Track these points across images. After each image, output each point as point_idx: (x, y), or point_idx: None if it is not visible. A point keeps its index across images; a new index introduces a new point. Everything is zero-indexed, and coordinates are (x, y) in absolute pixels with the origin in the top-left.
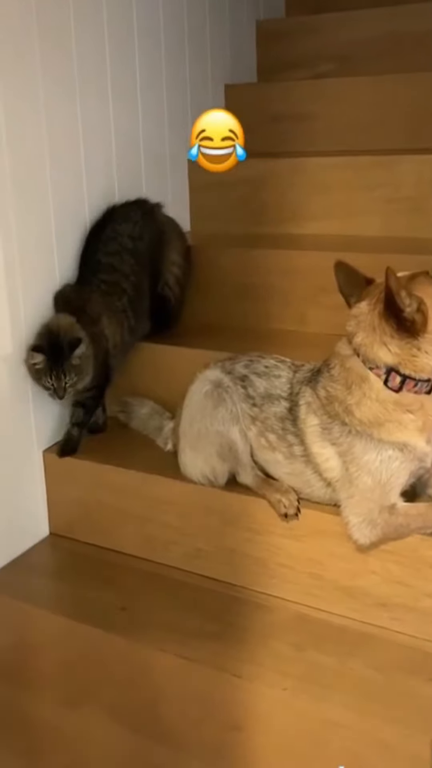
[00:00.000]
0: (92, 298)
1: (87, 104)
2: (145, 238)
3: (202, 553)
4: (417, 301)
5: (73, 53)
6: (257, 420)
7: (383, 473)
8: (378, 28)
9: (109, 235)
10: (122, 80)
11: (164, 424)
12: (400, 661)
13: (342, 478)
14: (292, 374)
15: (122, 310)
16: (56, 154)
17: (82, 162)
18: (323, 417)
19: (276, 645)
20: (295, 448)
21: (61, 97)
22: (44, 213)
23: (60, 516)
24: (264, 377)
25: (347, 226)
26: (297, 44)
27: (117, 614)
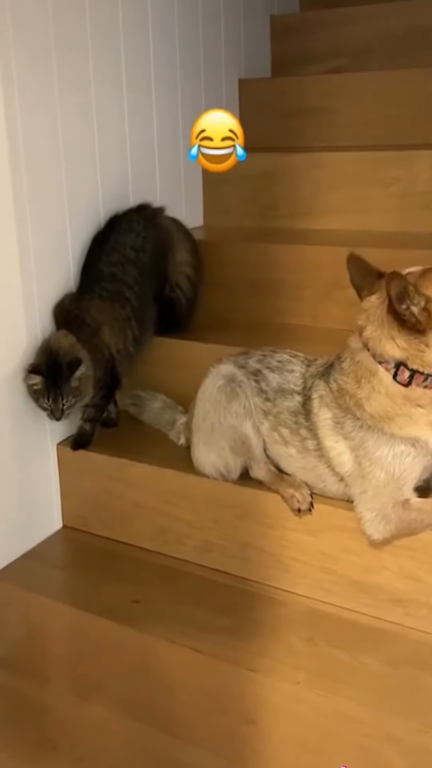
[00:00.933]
0: (92, 307)
1: (101, 99)
2: (148, 249)
3: (215, 547)
4: (424, 299)
5: (89, 50)
6: (270, 414)
7: (396, 468)
8: (392, 22)
9: (113, 246)
10: (137, 76)
11: (177, 418)
12: (413, 656)
13: (354, 473)
14: (305, 369)
15: (126, 318)
16: (71, 150)
17: (96, 156)
18: (336, 411)
19: (289, 639)
20: (308, 442)
21: (76, 93)
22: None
23: (73, 509)
24: (277, 372)
25: (361, 221)
26: (311, 39)
27: (130, 607)
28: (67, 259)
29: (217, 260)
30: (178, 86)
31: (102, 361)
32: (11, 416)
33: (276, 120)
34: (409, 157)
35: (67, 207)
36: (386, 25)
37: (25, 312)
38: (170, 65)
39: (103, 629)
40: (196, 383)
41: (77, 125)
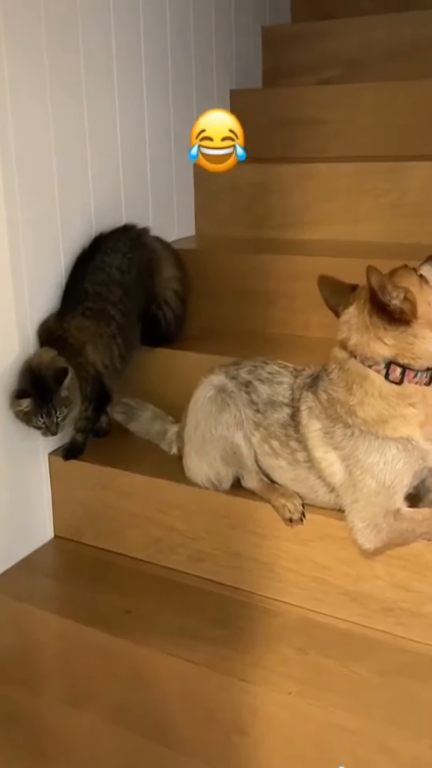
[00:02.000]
0: (74, 327)
1: (93, 109)
2: (133, 270)
3: (208, 557)
4: (402, 290)
5: (81, 60)
6: (261, 426)
7: (387, 475)
8: (383, 34)
9: (98, 266)
10: (128, 86)
11: (167, 428)
12: (405, 665)
13: (345, 483)
14: (294, 380)
15: (111, 335)
16: (63, 161)
17: (88, 167)
18: (325, 421)
19: (281, 649)
20: (298, 454)
21: (67, 102)
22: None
23: (65, 518)
24: (267, 383)
25: (353, 232)
26: (302, 50)
27: (122, 617)
28: (59, 276)
29: (209, 270)
30: (170, 97)
31: (89, 378)
32: (3, 426)
33: (267, 131)
34: (400, 168)
35: (60, 220)
36: (377, 37)
37: (17, 327)
38: (162, 76)
39: (95, 639)
40: (187, 393)
41: (69, 137)
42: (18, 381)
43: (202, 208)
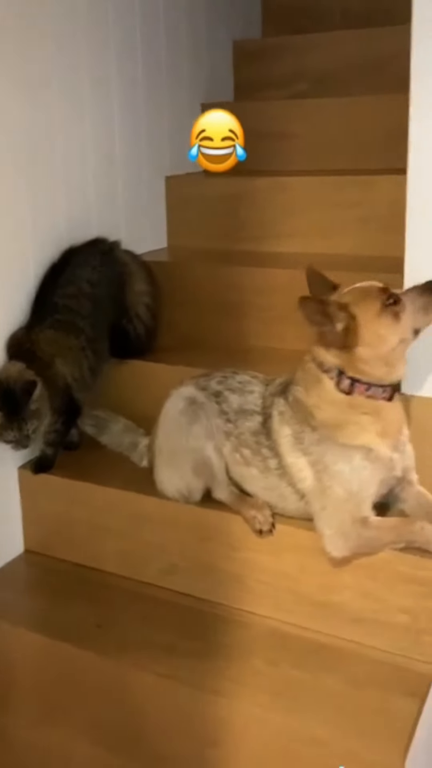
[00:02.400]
0: (43, 339)
1: (64, 122)
2: (103, 283)
3: (179, 570)
4: (348, 318)
5: (51, 74)
6: (232, 435)
7: (354, 483)
8: (353, 49)
9: (68, 279)
10: (99, 99)
11: (138, 440)
12: (374, 676)
13: (315, 489)
14: (264, 388)
15: (80, 348)
16: (34, 174)
17: (59, 181)
18: (295, 426)
19: (252, 661)
20: (269, 461)
21: (37, 116)
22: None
23: (35, 533)
24: (238, 393)
25: (324, 245)
26: (273, 64)
27: (93, 632)
28: (29, 289)
29: (182, 282)
30: (141, 110)
31: (58, 391)
32: None
33: None
34: (370, 181)
35: (30, 233)
36: (347, 52)
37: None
38: (132, 89)
39: (67, 654)
40: (158, 405)
41: (39, 150)
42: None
43: (174, 220)
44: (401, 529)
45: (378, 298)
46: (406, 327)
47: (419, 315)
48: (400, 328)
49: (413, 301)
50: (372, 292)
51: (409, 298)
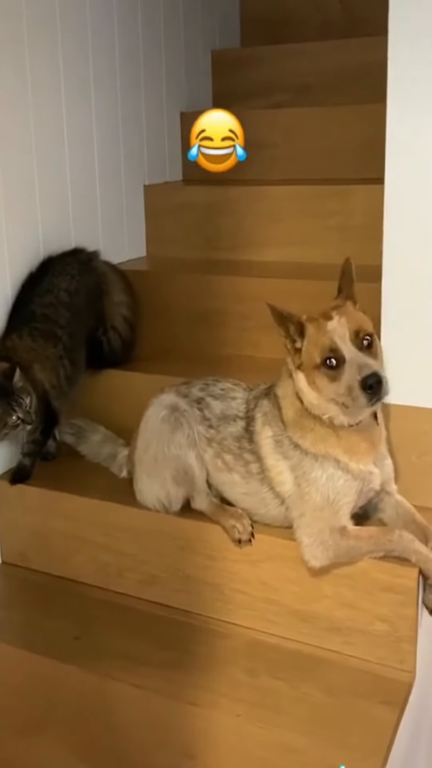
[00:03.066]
0: (20, 346)
1: (41, 131)
2: (81, 293)
3: (158, 580)
4: (297, 342)
5: (28, 82)
6: (214, 441)
7: (330, 491)
8: (331, 59)
9: (46, 288)
10: (77, 108)
11: (118, 451)
12: (353, 684)
13: (294, 495)
14: (248, 394)
15: (58, 357)
16: (9, 182)
17: (36, 189)
18: (275, 428)
19: (230, 671)
20: (251, 465)
21: (14, 124)
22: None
23: (12, 544)
24: (220, 399)
25: (302, 254)
26: (252, 74)
27: (71, 643)
28: (5, 298)
29: (160, 291)
30: (119, 119)
31: (36, 395)
32: None
33: None
34: (347, 191)
35: (6, 242)
36: (324, 63)
37: None
38: (111, 98)
39: (44, 666)
40: (138, 414)
41: (15, 159)
42: None
43: (152, 229)
44: (380, 538)
45: (319, 320)
46: (338, 392)
47: (346, 393)
48: (332, 390)
49: (352, 377)
50: (335, 311)
51: (350, 372)
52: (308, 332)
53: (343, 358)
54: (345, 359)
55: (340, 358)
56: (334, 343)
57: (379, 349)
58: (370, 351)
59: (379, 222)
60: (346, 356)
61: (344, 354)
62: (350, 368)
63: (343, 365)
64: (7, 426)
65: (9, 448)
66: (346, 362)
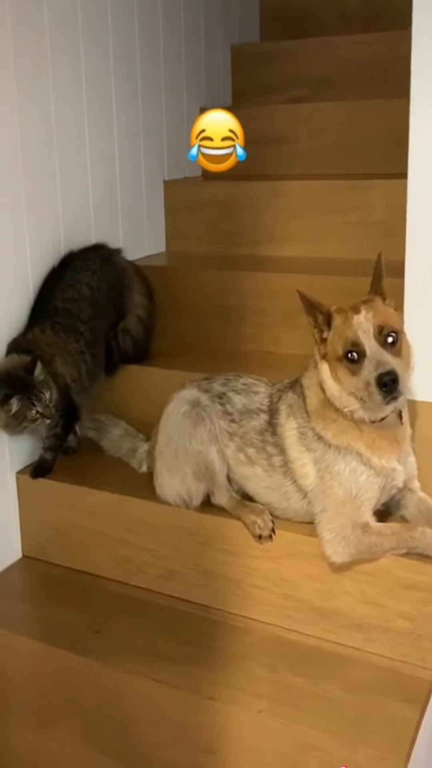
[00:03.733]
0: (43, 340)
1: (62, 128)
2: (103, 288)
3: (177, 575)
4: (324, 332)
5: (49, 81)
6: (236, 436)
7: (353, 486)
8: (351, 53)
9: (68, 283)
10: (98, 104)
11: (138, 446)
12: (374, 681)
13: (316, 488)
14: (270, 389)
15: (80, 352)
16: (31, 179)
17: (57, 185)
18: (300, 420)
19: (250, 667)
20: (274, 458)
21: (37, 120)
22: (19, 235)
23: (33, 538)
24: (243, 394)
25: (321, 249)
26: (271, 69)
27: (91, 637)
28: (27, 292)
29: (179, 287)
30: (140, 115)
31: (58, 389)
32: None
33: None
34: (367, 186)
35: (27, 238)
36: (345, 57)
37: None
38: (132, 94)
39: (64, 660)
40: (157, 409)
41: (38, 156)
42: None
43: (172, 225)
44: (402, 535)
45: (348, 312)
46: (357, 386)
47: (364, 388)
48: (351, 384)
49: (370, 372)
50: (363, 306)
51: (369, 368)
52: (335, 323)
53: (364, 353)
54: (366, 354)
55: (361, 352)
56: (357, 337)
57: (404, 347)
58: (394, 349)
59: (401, 217)
60: (367, 351)
61: (365, 349)
62: (369, 364)
63: (363, 360)
64: (26, 420)
65: (30, 442)
66: (366, 357)
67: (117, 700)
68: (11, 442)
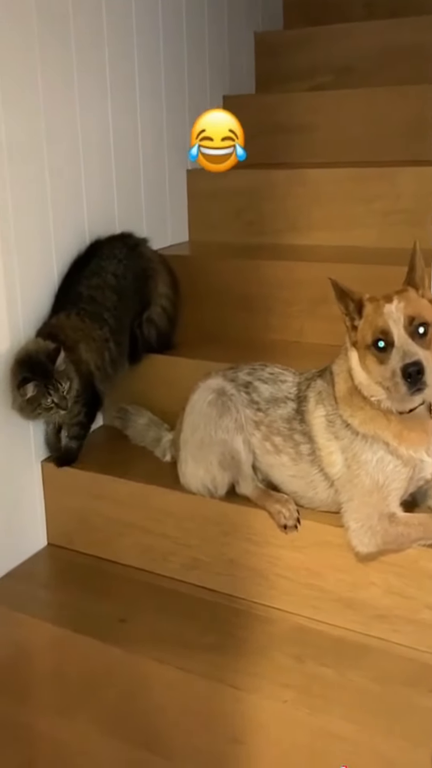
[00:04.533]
0: (69, 326)
1: (86, 115)
2: (128, 277)
3: (201, 564)
4: (354, 320)
5: (74, 70)
6: (262, 424)
7: (380, 475)
8: (375, 40)
9: (93, 270)
10: (122, 93)
11: (162, 435)
12: (400, 672)
13: (343, 477)
14: (298, 378)
15: (104, 339)
16: (55, 166)
17: (81, 173)
18: (328, 407)
19: (275, 657)
20: (302, 447)
21: (61, 109)
22: (44, 222)
23: (58, 526)
24: (270, 383)
25: (345, 237)
26: (295, 56)
27: (116, 625)
28: (52, 280)
29: (202, 276)
30: (163, 102)
31: (81, 377)
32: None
33: (260, 136)
34: (392, 173)
35: (52, 226)
36: (368, 43)
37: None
38: (155, 83)
39: (89, 648)
40: (181, 399)
41: (62, 145)
42: (14, 376)
43: (195, 214)
44: (429, 526)
45: (380, 301)
46: (384, 375)
47: (390, 378)
48: (378, 373)
49: (396, 362)
50: (396, 296)
51: (396, 358)
52: (366, 311)
53: (392, 342)
54: (394, 343)
55: (389, 341)
56: (386, 326)
57: None
58: (424, 340)
59: (426, 205)
60: (395, 340)
61: (394, 338)
62: (396, 353)
63: (391, 349)
64: (40, 407)
65: None
66: (395, 347)
67: (141, 688)
68: (36, 431)
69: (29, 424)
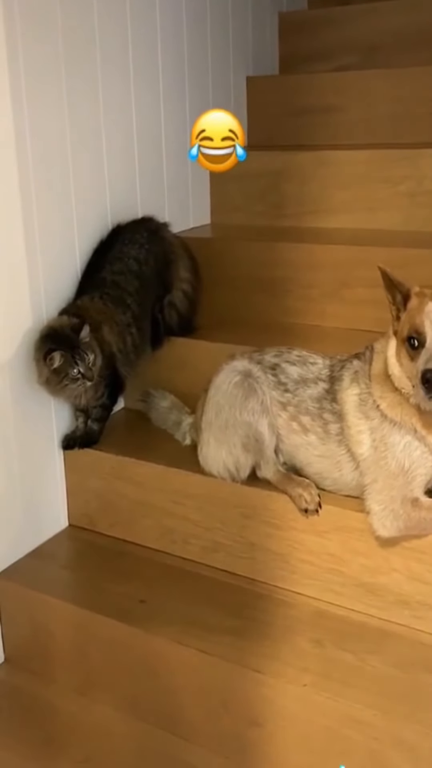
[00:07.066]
0: (92, 308)
1: (109, 99)
2: (150, 262)
3: (222, 547)
4: (399, 311)
5: (96, 52)
6: (289, 405)
7: (406, 460)
8: (401, 20)
9: (116, 255)
10: (145, 73)
11: (183, 418)
12: (421, 658)
13: (369, 459)
14: (330, 360)
15: (126, 324)
16: (78, 149)
17: (104, 154)
18: (362, 386)
19: (296, 641)
20: (330, 426)
21: (83, 93)
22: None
23: (79, 507)
24: (298, 365)
25: (369, 220)
26: (319, 36)
27: (136, 607)
28: (75, 264)
29: (224, 259)
30: (186, 84)
31: (104, 356)
32: (18, 415)
33: (284, 118)
34: (418, 155)
35: (75, 210)
36: (394, 23)
37: (32, 314)
38: (178, 63)
39: (109, 629)
40: (201, 382)
41: (84, 128)
42: (39, 350)
43: (217, 196)
44: None
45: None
46: (411, 372)
47: (414, 377)
48: (408, 369)
49: (422, 363)
50: (420, 314)
51: (423, 359)
52: (410, 304)
53: (424, 343)
54: (425, 344)
55: (421, 341)
56: (422, 325)
57: None
58: None
59: None
60: (427, 341)
61: (426, 339)
62: (425, 354)
63: (422, 349)
64: (67, 377)
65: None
66: (425, 348)
67: (161, 670)
68: (58, 412)
69: (51, 405)
